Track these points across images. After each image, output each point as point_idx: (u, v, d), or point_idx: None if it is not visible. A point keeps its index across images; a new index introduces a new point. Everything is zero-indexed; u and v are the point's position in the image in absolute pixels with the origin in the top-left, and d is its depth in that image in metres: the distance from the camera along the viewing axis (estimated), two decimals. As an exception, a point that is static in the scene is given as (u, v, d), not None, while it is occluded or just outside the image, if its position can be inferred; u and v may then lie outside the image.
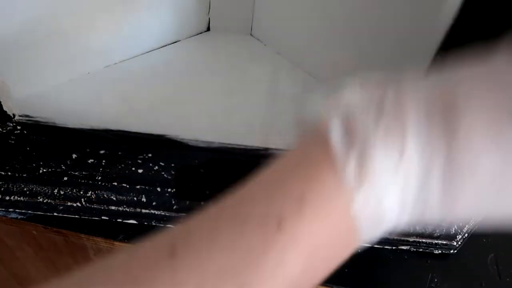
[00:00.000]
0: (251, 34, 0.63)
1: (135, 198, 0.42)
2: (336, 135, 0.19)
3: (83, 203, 0.42)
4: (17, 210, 0.42)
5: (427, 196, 0.18)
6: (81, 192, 0.42)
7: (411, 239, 0.40)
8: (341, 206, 0.19)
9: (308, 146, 0.20)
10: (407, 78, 0.20)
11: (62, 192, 0.42)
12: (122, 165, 0.41)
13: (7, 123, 0.40)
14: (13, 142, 0.40)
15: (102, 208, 0.42)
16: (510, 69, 0.18)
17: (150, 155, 0.40)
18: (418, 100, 0.18)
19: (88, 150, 0.40)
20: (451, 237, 0.40)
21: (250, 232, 0.19)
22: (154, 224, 0.42)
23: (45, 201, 0.42)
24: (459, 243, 0.40)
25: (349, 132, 0.19)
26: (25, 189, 0.42)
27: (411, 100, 0.18)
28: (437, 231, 0.39)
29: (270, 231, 0.18)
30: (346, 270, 0.38)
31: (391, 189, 0.18)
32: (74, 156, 0.40)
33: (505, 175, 0.18)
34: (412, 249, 0.41)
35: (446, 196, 0.18)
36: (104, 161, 0.40)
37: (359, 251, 0.36)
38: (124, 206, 0.42)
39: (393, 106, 0.18)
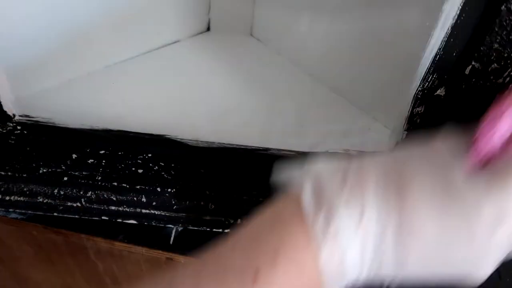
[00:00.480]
0: (251, 34, 0.63)
1: (135, 198, 0.42)
2: (307, 198, 0.22)
3: (83, 203, 0.42)
4: (17, 210, 0.42)
5: (382, 254, 0.21)
6: (81, 192, 0.42)
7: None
8: (310, 260, 0.21)
9: (283, 205, 0.23)
10: (367, 155, 0.24)
11: (62, 192, 0.42)
12: (122, 165, 0.41)
13: (7, 123, 0.40)
14: (13, 142, 0.40)
15: (102, 208, 0.42)
16: (445, 152, 0.23)
17: (150, 155, 0.40)
18: (375, 172, 0.22)
19: (88, 150, 0.40)
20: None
21: (229, 285, 0.21)
22: (154, 224, 0.42)
23: (45, 201, 0.42)
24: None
25: (318, 196, 0.22)
26: (25, 189, 0.42)
27: (370, 172, 0.22)
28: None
29: (247, 282, 0.21)
30: None
31: (352, 246, 0.21)
32: (74, 156, 0.40)
33: (446, 237, 0.21)
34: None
35: (398, 255, 0.21)
36: (104, 161, 0.41)
37: None
38: (124, 206, 0.42)
39: (355, 176, 0.22)
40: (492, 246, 0.21)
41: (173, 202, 0.42)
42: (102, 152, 0.40)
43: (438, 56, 0.29)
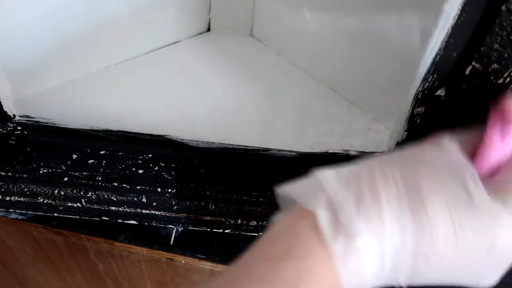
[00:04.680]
0: (251, 35, 0.63)
1: (135, 199, 0.42)
2: (323, 217, 0.21)
3: (84, 203, 0.42)
4: (18, 211, 0.42)
5: (400, 266, 0.21)
6: (82, 193, 0.42)
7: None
8: (330, 279, 0.21)
9: (296, 224, 0.22)
10: (374, 166, 0.23)
11: (62, 193, 0.42)
12: (122, 166, 0.41)
13: (8, 123, 0.40)
14: (13, 142, 0.40)
15: (103, 208, 0.42)
16: (456, 156, 0.22)
17: (150, 155, 0.40)
18: (390, 182, 0.22)
19: (88, 150, 0.40)
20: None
21: None
22: (154, 224, 0.42)
23: (45, 201, 0.42)
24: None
25: (335, 213, 0.21)
26: (25, 189, 0.42)
27: (384, 181, 0.22)
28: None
29: None
30: None
31: (373, 262, 0.21)
32: (74, 156, 0.40)
33: (466, 249, 0.21)
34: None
35: (416, 266, 0.21)
36: (104, 161, 0.41)
37: None
38: (125, 206, 0.42)
39: (369, 187, 0.22)
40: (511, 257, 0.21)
41: (173, 202, 0.42)
42: (102, 152, 0.40)
43: (438, 56, 0.29)
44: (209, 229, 0.42)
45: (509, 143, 0.23)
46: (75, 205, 0.42)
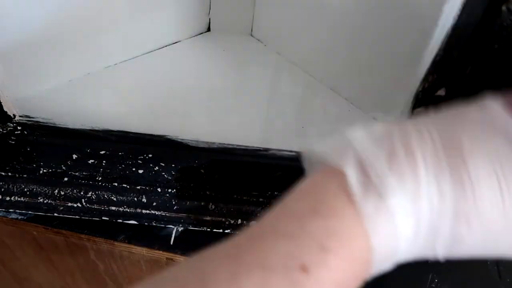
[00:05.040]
0: (251, 35, 0.63)
1: (135, 199, 0.42)
2: (352, 174, 0.20)
3: (84, 203, 0.42)
4: (18, 211, 0.42)
5: (438, 231, 0.19)
6: (82, 193, 0.42)
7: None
8: (362, 243, 0.19)
9: (323, 182, 0.21)
10: (409, 125, 0.21)
11: (62, 193, 0.42)
12: (123, 166, 0.41)
13: (8, 123, 0.40)
14: (13, 142, 0.40)
15: (103, 208, 0.42)
16: (500, 115, 0.21)
17: (150, 155, 0.40)
18: (426, 139, 0.20)
19: (88, 150, 0.40)
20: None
21: (275, 276, 0.18)
22: (154, 224, 0.42)
23: (45, 201, 0.42)
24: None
25: (365, 171, 0.20)
26: (25, 189, 0.42)
27: (420, 139, 0.20)
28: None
29: (295, 273, 0.18)
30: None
31: (407, 224, 0.19)
32: (74, 156, 0.40)
33: (510, 221, 0.19)
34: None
35: (456, 232, 0.19)
36: (104, 161, 0.40)
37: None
38: (125, 206, 0.42)
39: (403, 145, 0.20)
40: None
41: (173, 202, 0.42)
42: (102, 152, 0.40)
43: (438, 56, 0.29)
44: (209, 229, 0.42)
45: None
46: (75, 205, 0.42)
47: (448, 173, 0.19)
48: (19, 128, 0.40)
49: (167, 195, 0.42)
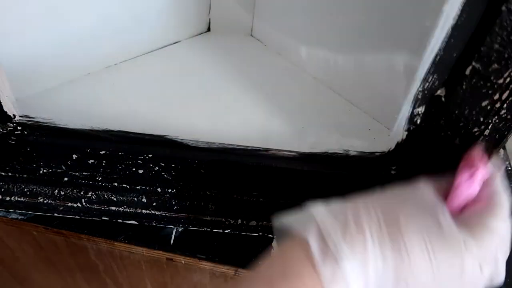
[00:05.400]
0: (251, 35, 0.63)
1: (135, 199, 0.42)
2: (313, 244, 0.25)
3: (84, 203, 0.42)
4: (18, 211, 0.42)
5: None
6: (82, 193, 0.42)
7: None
8: None
9: (291, 252, 0.25)
10: (359, 203, 0.27)
11: (62, 193, 0.42)
12: (123, 166, 0.41)
13: (8, 123, 0.40)
14: (13, 142, 0.40)
15: (103, 208, 0.42)
16: (429, 196, 0.26)
17: (150, 155, 0.40)
18: (372, 216, 0.25)
19: (88, 150, 0.40)
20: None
21: None
22: (154, 224, 0.42)
23: (45, 201, 0.42)
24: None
25: (324, 241, 0.25)
26: (25, 189, 0.42)
27: (367, 216, 0.25)
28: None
29: None
30: None
31: (358, 285, 0.24)
32: (74, 156, 0.40)
33: (440, 274, 0.24)
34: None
35: None
36: (104, 161, 0.40)
37: None
38: (125, 206, 0.42)
39: (354, 220, 0.25)
40: (481, 280, 0.25)
41: (173, 202, 0.42)
42: (102, 152, 0.40)
43: (438, 56, 0.29)
44: (209, 229, 0.42)
45: (475, 184, 0.27)
46: (75, 205, 0.42)
47: (389, 242, 0.24)
48: (19, 128, 0.40)
49: (167, 195, 0.42)
